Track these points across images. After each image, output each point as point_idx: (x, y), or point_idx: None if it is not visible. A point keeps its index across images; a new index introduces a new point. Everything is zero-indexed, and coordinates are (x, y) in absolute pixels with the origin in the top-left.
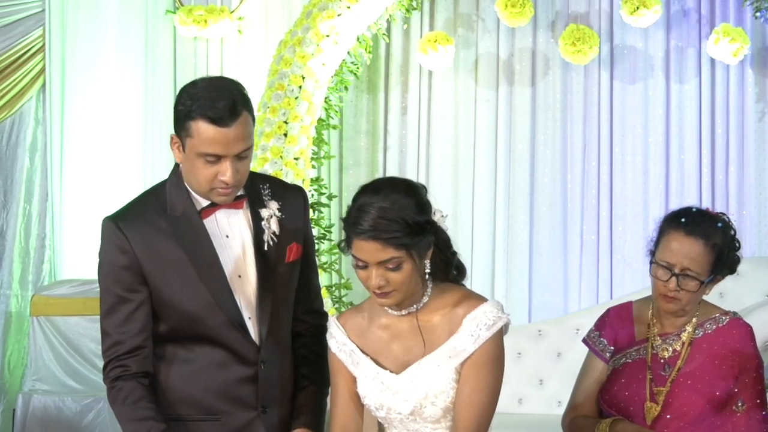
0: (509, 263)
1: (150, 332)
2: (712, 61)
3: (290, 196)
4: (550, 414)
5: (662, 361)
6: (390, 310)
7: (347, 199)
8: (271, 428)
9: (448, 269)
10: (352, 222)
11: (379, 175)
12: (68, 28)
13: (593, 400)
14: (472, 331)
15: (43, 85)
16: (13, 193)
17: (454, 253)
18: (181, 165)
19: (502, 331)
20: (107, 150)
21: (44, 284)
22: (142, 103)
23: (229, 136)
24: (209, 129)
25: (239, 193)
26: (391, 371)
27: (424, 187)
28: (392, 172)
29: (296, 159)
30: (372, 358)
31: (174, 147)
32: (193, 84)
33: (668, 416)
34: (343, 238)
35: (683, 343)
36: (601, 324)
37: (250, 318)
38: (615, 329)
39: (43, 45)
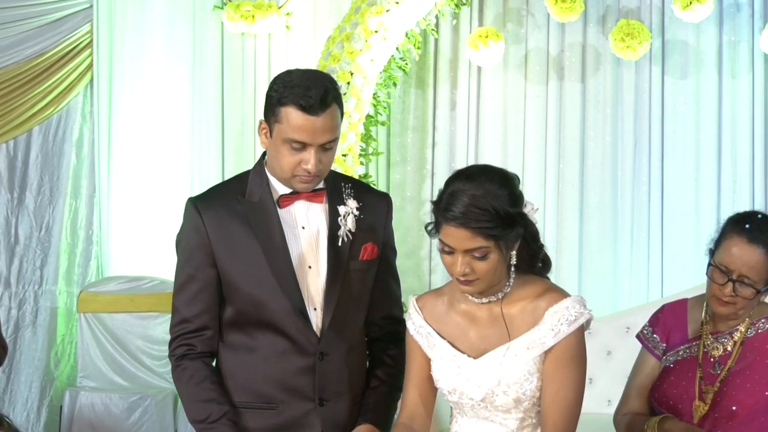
0: (558, 260)
1: (215, 314)
2: (766, 57)
3: (373, 200)
4: (599, 413)
5: (712, 359)
6: (471, 297)
7: (395, 196)
8: (327, 422)
9: (533, 262)
10: (444, 207)
11: (428, 171)
12: (116, 24)
13: (645, 397)
14: (553, 325)
15: (91, 81)
16: (59, 189)
17: (542, 246)
18: (266, 151)
19: (583, 327)
20: (155, 146)
21: (91, 281)
22: (190, 99)
23: (317, 125)
24: (299, 116)
25: (320, 186)
26: (468, 356)
27: (517, 177)
28: (440, 168)
29: (344, 155)
30: (449, 342)
31: (261, 133)
32: (288, 73)
33: (716, 415)
34: (431, 220)
35: (735, 343)
36: (655, 320)
37: (315, 309)
38: (668, 326)
39: (91, 41)
